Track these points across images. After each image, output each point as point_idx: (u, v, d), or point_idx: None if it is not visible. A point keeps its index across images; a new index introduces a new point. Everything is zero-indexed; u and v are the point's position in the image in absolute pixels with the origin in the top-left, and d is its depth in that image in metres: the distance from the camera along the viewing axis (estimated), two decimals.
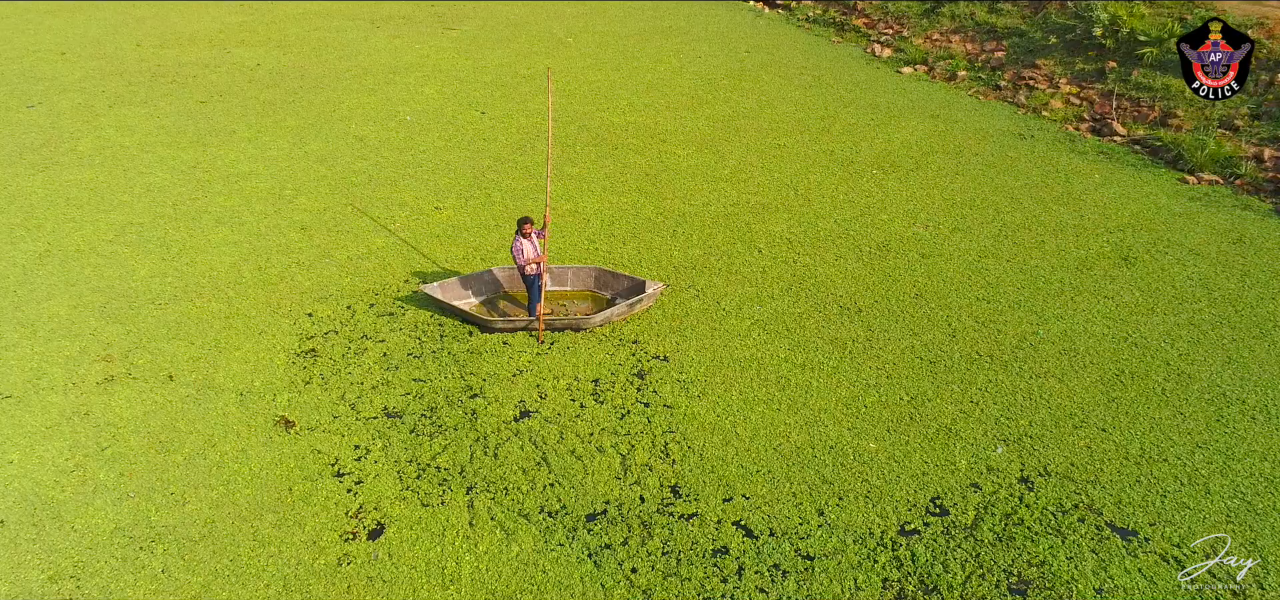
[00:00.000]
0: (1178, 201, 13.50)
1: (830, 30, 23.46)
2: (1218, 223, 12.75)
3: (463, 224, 12.61)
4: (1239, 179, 13.95)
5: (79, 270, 11.19)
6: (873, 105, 17.69)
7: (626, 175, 14.27)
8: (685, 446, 8.27)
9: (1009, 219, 12.83)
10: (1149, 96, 16.37)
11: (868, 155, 15.15)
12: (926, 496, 7.69)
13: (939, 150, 15.42)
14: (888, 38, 21.82)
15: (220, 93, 17.92)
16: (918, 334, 10.05)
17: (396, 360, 9.49)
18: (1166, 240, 12.25)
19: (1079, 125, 16.58)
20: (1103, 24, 17.75)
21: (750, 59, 20.84)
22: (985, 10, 20.85)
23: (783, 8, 25.69)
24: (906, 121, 16.76)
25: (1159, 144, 15.33)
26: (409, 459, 8.08)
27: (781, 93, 18.42)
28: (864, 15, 23.32)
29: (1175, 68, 16.54)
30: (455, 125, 16.38)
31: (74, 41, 21.48)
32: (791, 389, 9.08)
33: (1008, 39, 19.75)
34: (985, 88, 18.68)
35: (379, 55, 20.78)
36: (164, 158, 14.67)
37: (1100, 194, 13.73)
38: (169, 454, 8.09)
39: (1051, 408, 8.82)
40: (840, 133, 16.17)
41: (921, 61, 20.27)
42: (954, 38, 20.74)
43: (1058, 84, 17.86)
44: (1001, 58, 19.31)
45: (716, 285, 11.04)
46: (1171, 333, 10.09)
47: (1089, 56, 17.98)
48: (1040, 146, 15.64)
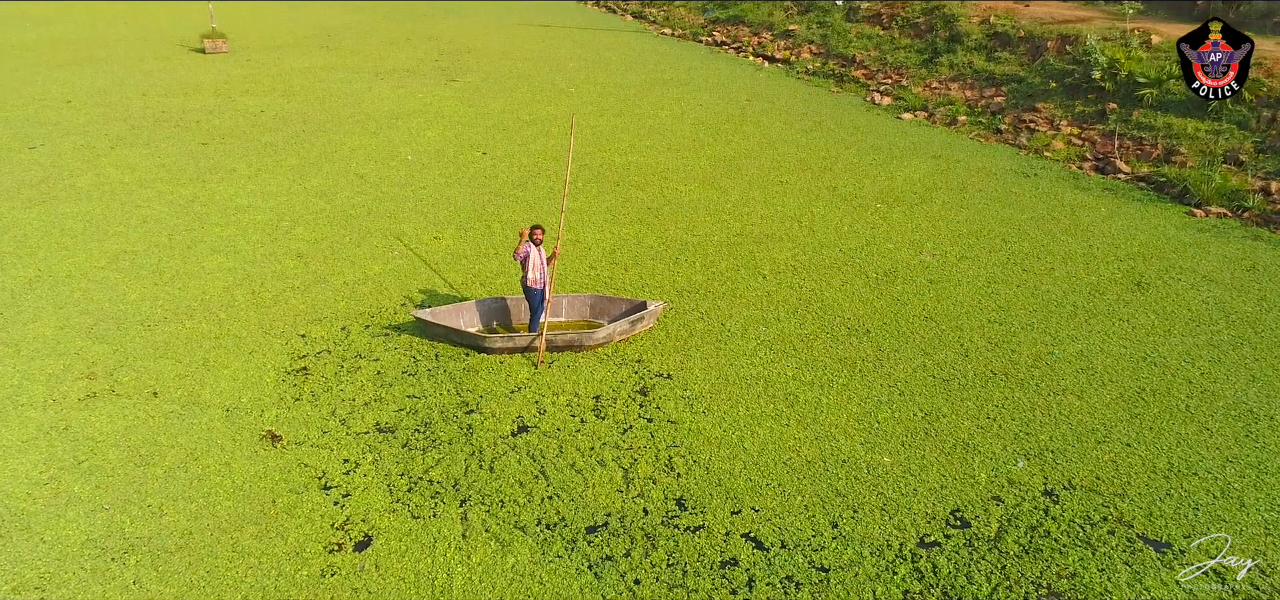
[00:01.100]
0: (1187, 232, 13.32)
1: (829, 81, 23.70)
2: (1229, 251, 12.55)
3: (462, 251, 12.40)
4: (1247, 212, 13.81)
5: (68, 294, 10.94)
6: (874, 147, 17.69)
7: (628, 208, 14.14)
8: (690, 460, 7.89)
9: (1016, 248, 12.63)
10: (1151, 135, 16.36)
11: (871, 191, 15.04)
12: (946, 509, 7.28)
13: (942, 186, 15.32)
14: (887, 86, 22.01)
15: (222, 135, 17.95)
16: (929, 353, 9.74)
17: (390, 378, 9.16)
18: (1179, 267, 12.02)
19: (1082, 164, 16.53)
20: (1101, 67, 17.87)
21: (751, 106, 20.97)
22: (983, 58, 21.07)
23: (782, 62, 26.03)
24: (909, 161, 16.73)
25: (1164, 180, 15.24)
26: (400, 472, 7.69)
27: (782, 135, 18.45)
28: (862, 66, 23.59)
29: (1176, 107, 16.61)
30: (456, 163, 16.34)
31: (81, 91, 21.66)
32: (800, 405, 8.72)
33: (1007, 85, 19.89)
34: (986, 132, 18.72)
35: (382, 103, 20.93)
36: (162, 193, 14.57)
37: (1108, 225, 13.56)
38: (148, 467, 7.70)
39: (1072, 424, 8.46)
40: (842, 171, 16.11)
41: (921, 108, 20.39)
42: (953, 85, 20.91)
43: (1058, 126, 17.90)
44: (1001, 103, 19.41)
45: (720, 308, 10.77)
46: (1191, 352, 9.78)
47: (1089, 99, 18.06)
48: (1044, 183, 15.56)
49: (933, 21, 23.24)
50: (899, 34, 23.86)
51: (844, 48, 24.74)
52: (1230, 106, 15.79)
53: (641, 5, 36.58)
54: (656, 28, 33.12)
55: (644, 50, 28.53)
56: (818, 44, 25.77)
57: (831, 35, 25.58)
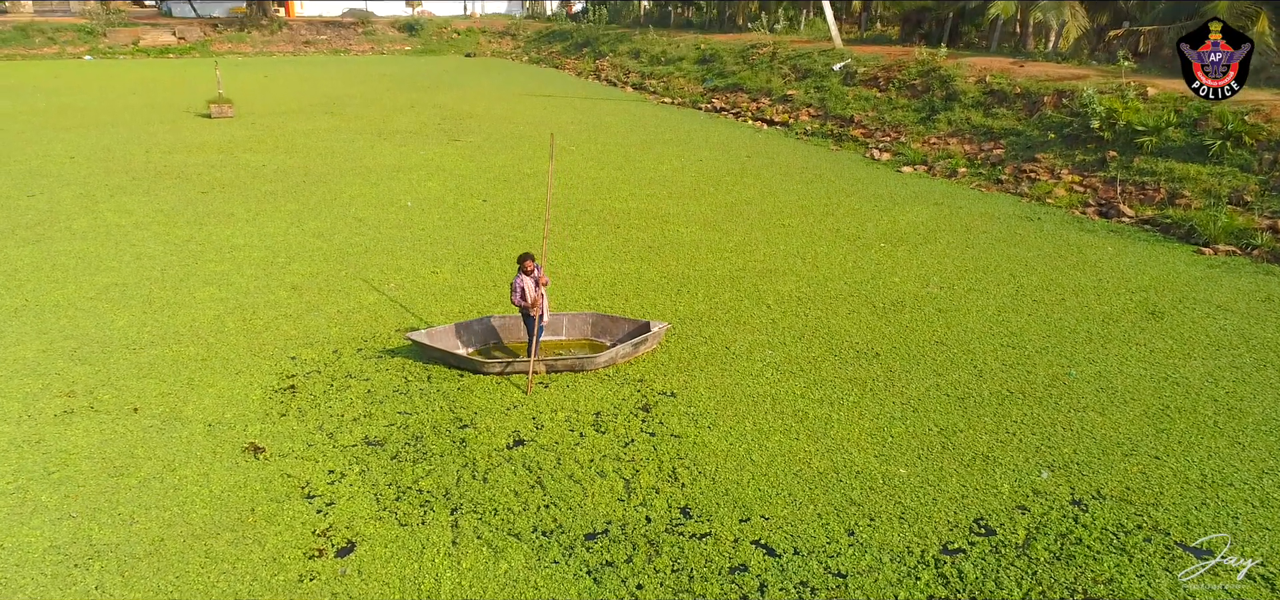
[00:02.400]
0: (1198, 268, 13.11)
1: (828, 141, 23.90)
2: (1242, 285, 12.31)
3: (459, 284, 12.15)
4: (1256, 248, 13.63)
5: (54, 322, 10.63)
6: (876, 195, 17.65)
7: (629, 247, 13.95)
8: (695, 471, 7.46)
9: (1025, 282, 12.39)
10: (1153, 179, 16.32)
11: (874, 232, 14.89)
12: (969, 518, 6.83)
13: (946, 228, 15.19)
14: (885, 143, 22.16)
15: (222, 186, 17.93)
16: (942, 374, 9.38)
17: (381, 396, 8.78)
18: (1192, 298, 11.76)
19: (1085, 209, 16.44)
20: (1099, 116, 17.98)
21: (750, 161, 21.06)
22: (980, 114, 21.26)
23: (780, 124, 26.32)
24: (911, 207, 16.64)
25: (1170, 221, 15.11)
26: (388, 482, 7.25)
27: (783, 185, 18.43)
28: (861, 125, 23.81)
29: (1177, 153, 16.61)
30: (456, 209, 16.25)
31: (84, 149, 21.78)
32: (810, 421, 8.33)
33: (1005, 138, 20.00)
34: (986, 181, 18.73)
35: (384, 158, 21.02)
36: (158, 234, 14.41)
37: (1117, 261, 13.36)
38: (121, 477, 7.27)
39: (1096, 438, 8.05)
40: (844, 215, 16.00)
41: (921, 162, 20.46)
42: (951, 140, 21.03)
43: (1059, 174, 17.89)
44: (1000, 154, 19.48)
45: (724, 333, 10.45)
46: (1213, 374, 9.43)
47: (1088, 148, 18.11)
48: (1048, 226, 15.43)
49: (929, 82, 23.57)
50: (896, 94, 24.17)
51: (841, 109, 25.04)
52: (1231, 150, 15.80)
53: (641, 78, 37.31)
54: (656, 97, 33.68)
55: (644, 115, 28.91)
56: (815, 106, 26.10)
57: (829, 98, 25.92)
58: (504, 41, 57.32)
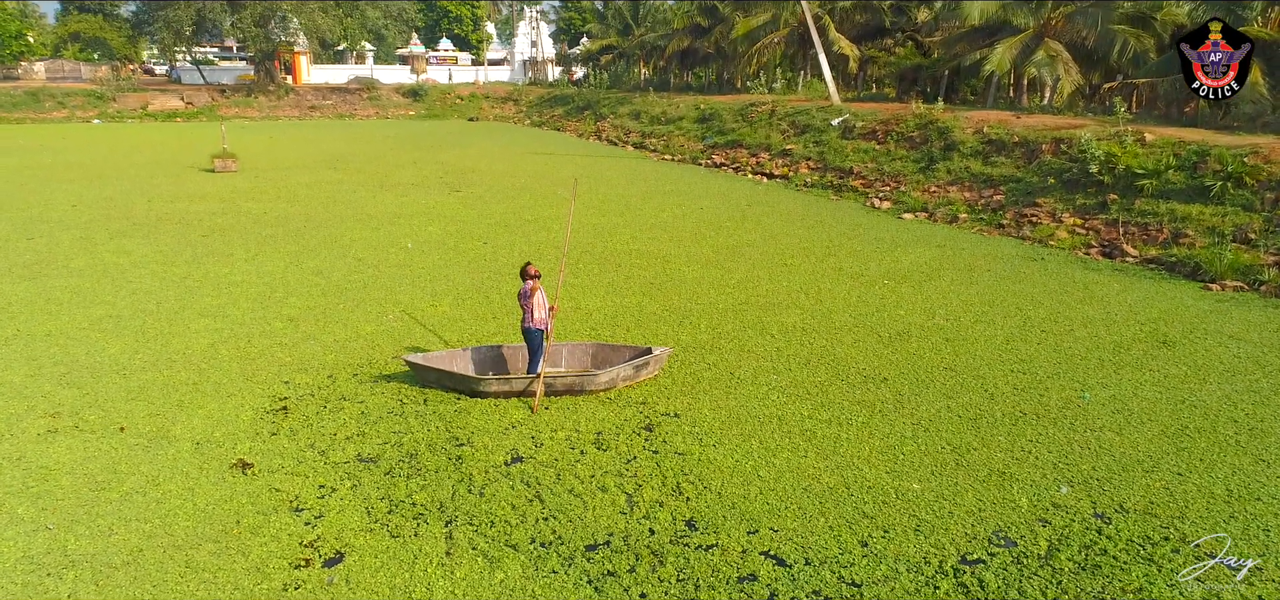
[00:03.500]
0: (1206, 302, 12.96)
1: (828, 191, 24.01)
2: (1252, 317, 12.14)
3: (458, 316, 11.98)
4: (1264, 284, 13.49)
5: (45, 349, 10.42)
6: (877, 238, 17.60)
7: (630, 283, 13.82)
8: (700, 485, 7.17)
9: (1032, 314, 12.21)
10: (1155, 220, 16.28)
11: (877, 271, 14.78)
12: (987, 530, 6.52)
13: (949, 267, 15.08)
14: (885, 192, 22.23)
15: (223, 230, 17.90)
16: (952, 397, 9.14)
17: (375, 416, 8.52)
18: (1202, 329, 11.57)
19: (1088, 250, 16.37)
20: (1098, 161, 18.05)
21: (751, 209, 21.09)
22: (980, 163, 21.37)
23: (780, 178, 26.49)
24: (913, 249, 16.58)
25: (1174, 260, 15.02)
26: (381, 496, 6.96)
27: (784, 230, 18.41)
28: (860, 176, 23.94)
29: (1178, 194, 16.62)
30: (457, 251, 16.17)
31: (87, 198, 21.85)
32: (818, 440, 8.06)
33: (1005, 185, 20.06)
34: (987, 226, 18.71)
35: (385, 206, 21.06)
36: (155, 271, 14.29)
37: (1124, 296, 13.21)
38: (102, 492, 6.98)
39: (1114, 456, 7.78)
40: (846, 256, 15.92)
41: (921, 209, 20.49)
42: (951, 188, 21.10)
43: (1061, 218, 17.88)
44: (1001, 200, 19.51)
45: (728, 360, 10.24)
46: (1231, 397, 9.18)
47: (1088, 192, 18.13)
48: (1052, 265, 15.33)
49: (927, 134, 23.78)
50: (894, 146, 24.37)
51: (841, 161, 25.22)
52: (1232, 190, 15.79)
53: (642, 137, 37.74)
54: (657, 155, 34.03)
55: (645, 170, 29.15)
56: (815, 159, 26.30)
57: (828, 151, 26.14)
58: (506, 106, 58.30)
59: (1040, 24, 27.54)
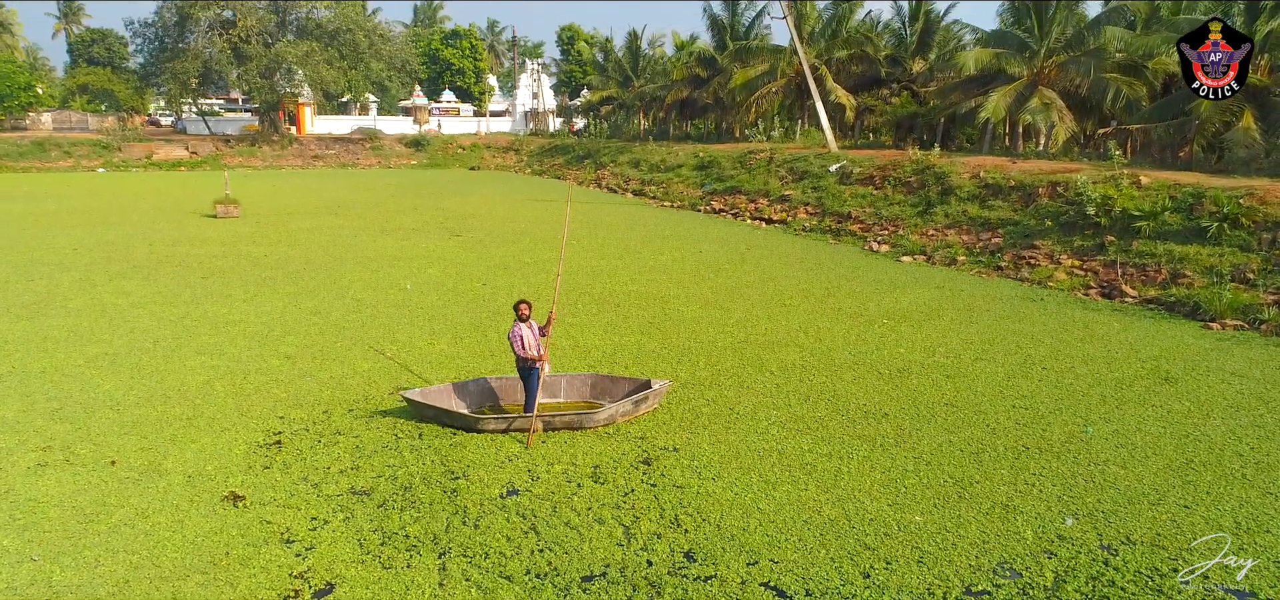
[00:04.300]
0: (1207, 340, 12.92)
1: (826, 236, 24.12)
2: (1254, 355, 12.08)
3: (457, 354, 11.92)
4: (1264, 323, 13.46)
5: (38, 385, 10.34)
6: (876, 280, 17.62)
7: (629, 323, 13.79)
8: (699, 518, 7.05)
9: (1033, 352, 12.16)
10: (1153, 261, 16.31)
11: (876, 310, 14.76)
12: (991, 562, 6.39)
13: (949, 307, 15.07)
14: (884, 236, 22.33)
15: (222, 272, 17.92)
16: (954, 432, 9.04)
17: (370, 450, 8.42)
18: (1204, 366, 11.51)
19: (1087, 291, 16.36)
20: (1095, 203, 18.15)
21: (750, 252, 21.16)
22: (977, 207, 21.50)
23: (779, 223, 26.63)
24: (912, 289, 16.58)
25: (1174, 300, 15.01)
26: (373, 528, 6.83)
27: (783, 272, 18.44)
28: (858, 220, 24.07)
29: (1175, 235, 16.68)
30: (456, 292, 16.17)
31: (88, 242, 21.93)
32: (819, 473, 7.95)
33: (1002, 228, 20.15)
34: (986, 268, 18.74)
35: (385, 250, 21.13)
36: (153, 311, 14.27)
37: (1124, 335, 13.17)
38: (90, 524, 6.86)
39: (1119, 489, 7.66)
40: (846, 297, 15.92)
41: (919, 252, 20.55)
42: (949, 231, 21.19)
43: (1059, 259, 17.92)
44: (999, 243, 19.58)
45: (727, 396, 10.15)
46: (1235, 432, 9.08)
47: (1086, 234, 18.20)
48: (1052, 306, 15.32)
49: (924, 179, 23.97)
50: (892, 191, 24.54)
51: (839, 206, 25.38)
52: (1229, 231, 15.86)
53: (641, 184, 38.06)
54: (656, 202, 34.27)
55: (644, 216, 29.33)
56: (813, 205, 26.47)
57: (826, 196, 26.33)
58: (507, 156, 58.90)
59: (1033, 73, 27.97)
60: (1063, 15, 27.84)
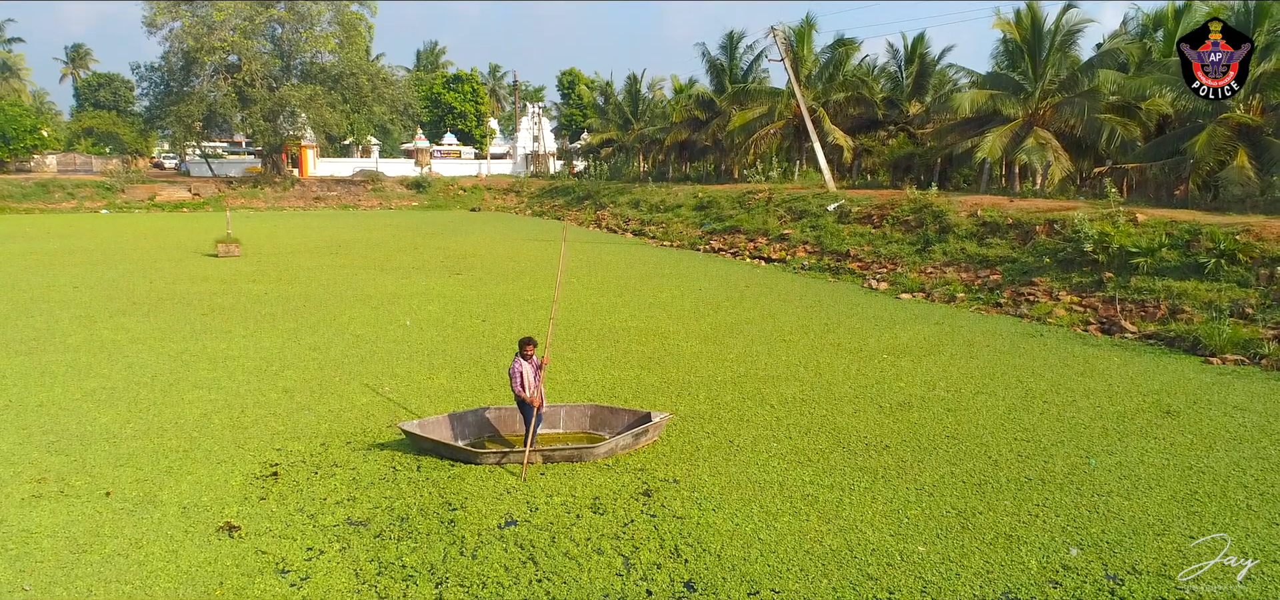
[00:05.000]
0: (1207, 375, 12.88)
1: (825, 274, 24.18)
2: (1255, 389, 12.05)
3: (456, 388, 11.88)
4: (1264, 358, 13.43)
5: (35, 419, 10.29)
6: (876, 316, 17.63)
7: (628, 358, 13.76)
8: (699, 548, 6.97)
9: (1034, 386, 12.12)
10: (1152, 296, 16.34)
11: (876, 346, 14.75)
12: (996, 592, 6.31)
13: (949, 342, 15.05)
14: (883, 274, 22.38)
15: (222, 310, 17.92)
16: (956, 464, 8.97)
17: (367, 482, 8.35)
18: (1206, 400, 11.47)
19: (1086, 327, 16.36)
20: (1093, 240, 18.23)
21: (749, 290, 21.20)
22: (975, 244, 21.59)
23: (778, 261, 26.71)
24: (912, 326, 16.58)
25: (1173, 335, 15.01)
26: (370, 559, 6.75)
27: (782, 309, 18.45)
28: (857, 259, 24.15)
29: (1173, 271, 16.73)
30: (455, 328, 16.16)
31: (89, 280, 21.97)
32: (820, 504, 7.88)
33: (1001, 265, 20.21)
34: (985, 305, 18.76)
35: (385, 287, 21.17)
36: (153, 347, 14.24)
37: (1125, 369, 13.14)
38: (83, 554, 6.77)
39: (1124, 520, 7.59)
40: (845, 333, 15.91)
41: (919, 289, 20.59)
42: (948, 269, 21.25)
43: (1058, 296, 17.94)
44: (997, 280, 19.62)
45: (728, 429, 10.10)
46: (1240, 464, 9.02)
47: (1084, 271, 18.25)
48: (1052, 341, 15.31)
49: (922, 217, 24.11)
50: (890, 230, 24.67)
51: (837, 245, 25.49)
52: (1226, 267, 15.91)
53: (641, 224, 38.25)
54: (655, 241, 34.42)
55: (644, 255, 29.43)
56: (812, 243, 26.58)
57: (825, 235, 26.44)
58: (508, 197, 59.28)
59: (1028, 114, 28.29)
60: (1056, 58, 28.25)
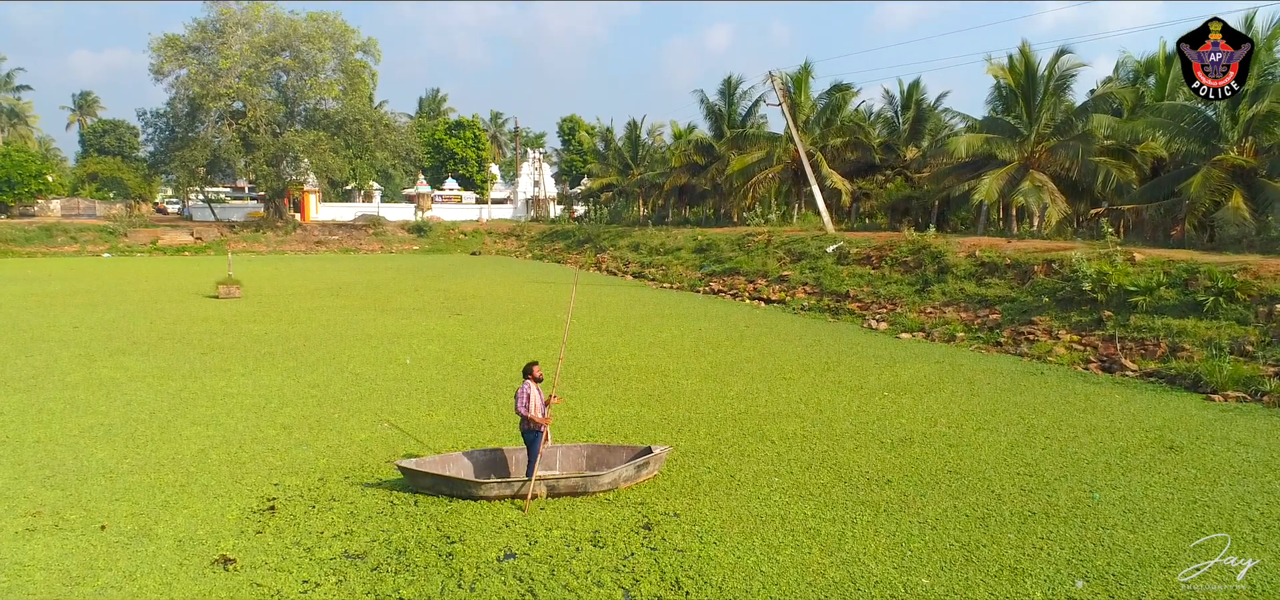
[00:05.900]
0: (1209, 411, 12.84)
1: (825, 314, 24.21)
2: (1258, 425, 12.00)
3: (455, 424, 11.82)
4: (1265, 395, 13.40)
5: (31, 454, 10.22)
6: (876, 355, 17.61)
7: (628, 395, 13.72)
8: (701, 581, 6.88)
9: (1035, 423, 12.07)
10: (1152, 335, 16.34)
11: (876, 384, 14.71)
12: None
13: (950, 380, 15.02)
14: (882, 314, 22.41)
15: (222, 349, 17.91)
16: (959, 497, 8.90)
17: (365, 515, 8.27)
18: (1208, 435, 11.42)
19: (1087, 365, 16.34)
20: (1091, 279, 18.30)
21: (749, 329, 21.21)
22: (974, 284, 21.65)
23: (778, 302, 26.77)
24: (912, 364, 16.56)
25: (1174, 373, 14.98)
26: (366, 591, 6.66)
27: (783, 348, 18.44)
28: (856, 299, 24.20)
29: (1172, 310, 16.76)
30: (455, 367, 16.14)
31: (89, 320, 21.99)
32: (823, 537, 7.80)
33: (1000, 304, 20.25)
34: (985, 344, 18.76)
35: (385, 328, 21.17)
36: (151, 385, 14.20)
37: (1127, 406, 13.10)
38: (77, 586, 6.69)
39: (1129, 553, 7.51)
40: (846, 371, 15.88)
41: (918, 329, 20.60)
42: (947, 309, 21.29)
43: (1058, 335, 17.95)
44: (997, 319, 19.64)
45: (729, 464, 10.03)
46: (1244, 497, 8.95)
47: (1083, 310, 18.29)
48: (1053, 379, 15.28)
49: (921, 258, 24.21)
50: (889, 270, 24.76)
51: (837, 286, 25.56)
52: (1225, 305, 15.94)
53: (641, 267, 38.40)
54: (655, 283, 34.52)
55: (644, 296, 29.50)
56: (811, 284, 26.66)
57: (824, 276, 26.53)
58: (509, 241, 59.58)
59: (1024, 157, 28.59)
60: (1050, 102, 28.64)
